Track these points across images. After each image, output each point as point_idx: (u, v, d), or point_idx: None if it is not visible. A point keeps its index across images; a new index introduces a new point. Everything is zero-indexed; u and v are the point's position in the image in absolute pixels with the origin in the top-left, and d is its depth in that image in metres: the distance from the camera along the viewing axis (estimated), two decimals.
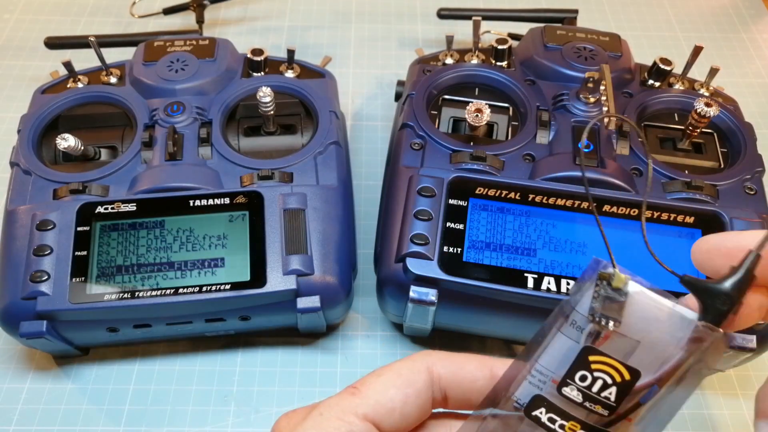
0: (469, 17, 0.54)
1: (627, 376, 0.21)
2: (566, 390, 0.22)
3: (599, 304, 0.22)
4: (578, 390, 0.22)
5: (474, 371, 0.25)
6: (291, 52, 0.51)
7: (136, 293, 0.38)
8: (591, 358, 0.21)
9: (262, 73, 0.50)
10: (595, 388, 0.21)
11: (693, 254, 0.24)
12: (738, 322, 0.22)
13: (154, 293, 0.38)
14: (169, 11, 0.65)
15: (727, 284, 0.21)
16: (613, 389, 0.21)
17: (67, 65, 0.49)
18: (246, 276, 0.39)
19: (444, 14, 0.63)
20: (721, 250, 0.23)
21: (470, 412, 0.25)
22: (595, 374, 0.21)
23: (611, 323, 0.21)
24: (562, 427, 0.22)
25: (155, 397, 0.43)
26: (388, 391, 0.25)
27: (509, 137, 0.47)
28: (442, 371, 0.25)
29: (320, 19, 0.71)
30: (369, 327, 0.47)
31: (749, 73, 0.67)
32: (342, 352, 0.46)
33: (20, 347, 0.45)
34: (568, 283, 0.38)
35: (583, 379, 0.21)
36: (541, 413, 0.22)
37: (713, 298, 0.21)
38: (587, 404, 0.21)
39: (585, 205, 0.40)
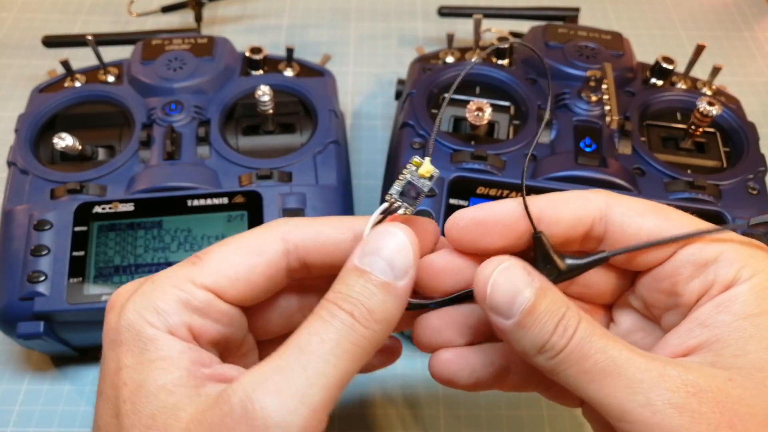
0: (469, 15, 0.54)
1: None
2: None
3: (399, 186, 0.25)
4: None
5: (335, 235, 0.25)
6: (290, 51, 0.50)
7: None
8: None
9: (261, 71, 0.50)
10: None
11: (447, 230, 0.25)
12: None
13: None
14: (167, 9, 0.65)
15: (565, 264, 0.24)
16: None
17: (65, 64, 0.49)
18: None
19: (445, 12, 0.63)
20: (476, 223, 0.24)
21: None
22: None
23: (402, 209, 0.25)
24: None
25: None
26: (232, 259, 0.24)
27: (510, 136, 0.46)
28: (298, 239, 0.24)
29: (319, 17, 0.71)
30: None
31: (752, 72, 0.67)
32: None
33: (18, 348, 0.45)
34: None
35: None
36: None
37: (545, 263, 0.24)
38: None
39: None
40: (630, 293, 0.27)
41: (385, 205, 0.25)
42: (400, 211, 0.24)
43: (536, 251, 0.24)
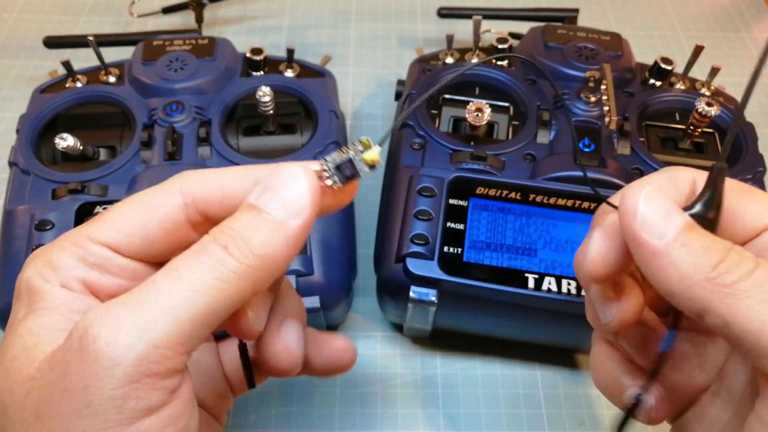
0: (469, 16, 0.54)
1: None
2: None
3: (338, 158, 0.23)
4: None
5: (236, 186, 0.24)
6: (290, 52, 0.50)
7: None
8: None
9: (262, 72, 0.50)
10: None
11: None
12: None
13: None
14: (168, 10, 0.65)
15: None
16: None
17: (66, 64, 0.49)
18: None
19: (444, 13, 0.63)
20: None
21: None
22: None
23: (330, 181, 0.23)
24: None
25: None
26: (128, 213, 0.23)
27: (510, 137, 0.47)
28: (197, 191, 0.23)
29: (320, 18, 0.71)
30: (369, 327, 0.47)
31: (750, 73, 0.67)
32: None
33: None
34: (569, 284, 0.38)
35: None
36: None
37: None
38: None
39: (586, 204, 0.40)
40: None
41: (316, 166, 0.23)
42: (328, 182, 0.23)
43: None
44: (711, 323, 0.20)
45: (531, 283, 0.38)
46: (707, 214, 0.21)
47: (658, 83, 0.50)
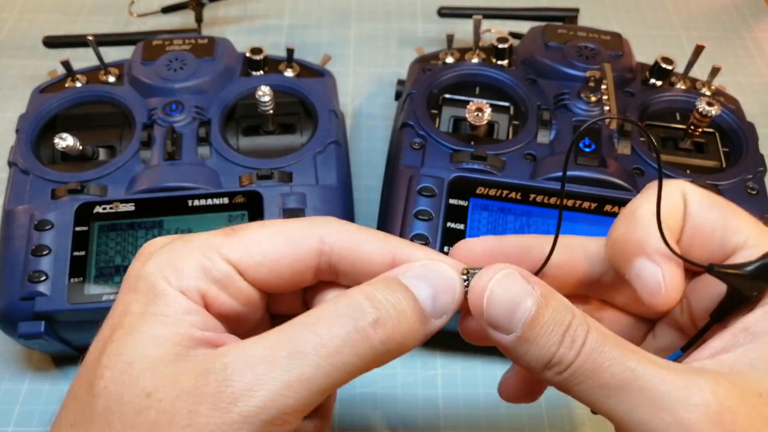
0: (469, 16, 0.54)
1: None
2: None
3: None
4: None
5: (372, 253, 0.23)
6: (290, 51, 0.50)
7: None
8: None
9: (261, 72, 0.50)
10: None
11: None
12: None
13: None
14: (167, 10, 0.65)
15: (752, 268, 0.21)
16: None
17: (66, 64, 0.49)
18: None
19: (444, 13, 0.63)
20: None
21: None
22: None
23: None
24: None
25: None
26: (265, 242, 0.23)
27: (510, 136, 0.46)
28: (336, 244, 0.23)
29: (320, 17, 0.71)
30: None
31: (751, 73, 0.67)
32: None
33: (18, 348, 0.45)
34: None
35: None
36: None
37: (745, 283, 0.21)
38: None
39: (587, 204, 0.40)
40: (676, 305, 0.25)
41: (462, 277, 0.23)
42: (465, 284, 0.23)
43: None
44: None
45: None
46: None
47: (659, 83, 0.50)
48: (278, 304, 0.26)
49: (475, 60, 0.51)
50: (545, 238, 0.25)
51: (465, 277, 0.23)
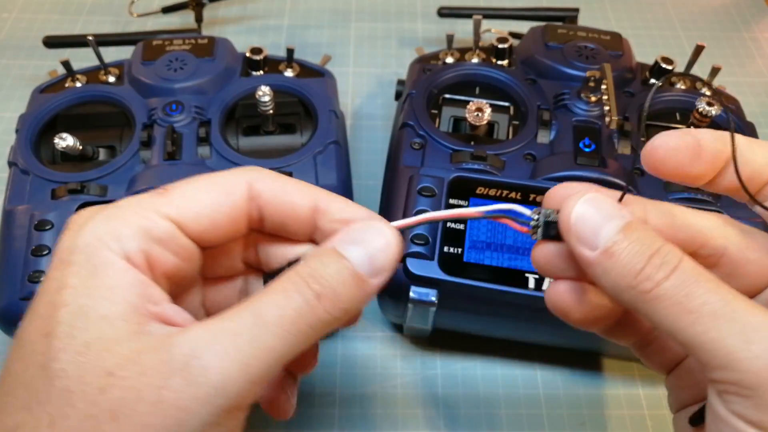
0: (469, 16, 0.54)
1: None
2: None
3: (552, 215, 0.24)
4: None
5: (296, 198, 0.25)
6: (290, 51, 0.50)
7: None
8: None
9: (262, 72, 0.50)
10: None
11: (646, 156, 0.24)
12: None
13: None
14: (167, 10, 0.65)
15: None
16: None
17: (66, 64, 0.49)
18: None
19: (444, 13, 0.63)
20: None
21: None
22: None
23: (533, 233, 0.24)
24: None
25: None
26: (198, 195, 0.23)
27: (510, 137, 0.46)
28: (263, 189, 0.24)
29: (320, 17, 0.71)
30: (369, 327, 0.47)
31: (751, 73, 0.67)
32: (341, 352, 0.46)
33: None
34: None
35: None
36: None
37: None
38: None
39: None
40: None
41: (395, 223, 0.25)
42: (531, 233, 0.24)
43: None
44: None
45: (532, 284, 0.38)
46: None
47: (659, 83, 0.50)
48: (216, 265, 0.26)
49: (475, 60, 0.51)
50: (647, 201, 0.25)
51: (537, 216, 0.24)
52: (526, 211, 0.24)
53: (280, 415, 0.27)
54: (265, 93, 0.43)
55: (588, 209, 0.22)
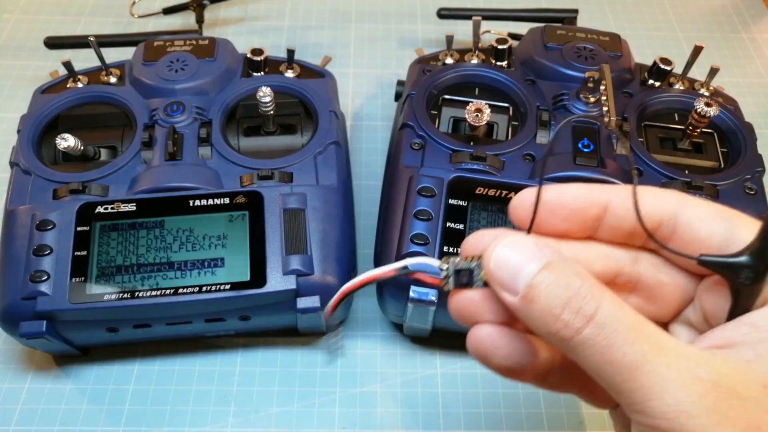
0: (469, 17, 0.54)
1: None
2: None
3: (462, 264, 0.24)
4: None
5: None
6: (291, 52, 0.50)
7: (136, 293, 0.38)
8: None
9: (262, 72, 0.50)
10: None
11: (512, 210, 0.24)
12: None
13: (154, 293, 0.38)
14: (168, 11, 0.65)
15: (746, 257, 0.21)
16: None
17: (67, 65, 0.49)
18: (246, 276, 0.39)
19: (444, 14, 0.63)
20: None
21: None
22: None
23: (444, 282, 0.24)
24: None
25: (155, 397, 0.43)
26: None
27: (509, 137, 0.47)
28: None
29: (320, 18, 0.71)
30: (369, 327, 0.47)
31: (749, 73, 0.67)
32: (342, 352, 0.46)
33: (20, 347, 0.45)
34: None
35: None
36: None
37: (737, 272, 0.21)
38: None
39: None
40: (689, 305, 0.25)
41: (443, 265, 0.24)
42: (443, 283, 0.24)
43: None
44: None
45: None
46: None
47: (657, 84, 0.50)
48: None
49: (474, 61, 0.51)
50: (609, 188, 0.24)
51: (446, 266, 0.24)
52: (435, 262, 0.24)
53: None
54: (265, 94, 0.44)
55: (507, 253, 0.22)
